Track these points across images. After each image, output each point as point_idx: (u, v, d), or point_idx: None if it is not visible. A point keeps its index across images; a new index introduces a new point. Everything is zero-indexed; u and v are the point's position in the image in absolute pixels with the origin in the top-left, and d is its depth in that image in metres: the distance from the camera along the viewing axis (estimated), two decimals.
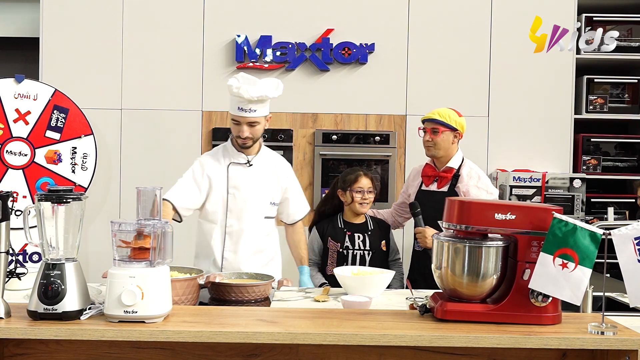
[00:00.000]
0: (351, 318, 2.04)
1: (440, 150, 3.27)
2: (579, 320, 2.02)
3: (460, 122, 3.29)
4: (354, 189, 3.33)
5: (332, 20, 4.51)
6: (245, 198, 3.06)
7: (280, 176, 3.17)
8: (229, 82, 2.97)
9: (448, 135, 3.26)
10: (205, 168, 3.07)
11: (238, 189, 3.05)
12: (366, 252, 3.31)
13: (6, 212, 1.95)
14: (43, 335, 1.86)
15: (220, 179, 3.06)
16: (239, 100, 2.94)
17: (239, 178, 3.06)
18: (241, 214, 3.05)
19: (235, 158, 3.09)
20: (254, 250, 3.08)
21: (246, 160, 3.08)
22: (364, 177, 3.35)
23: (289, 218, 3.26)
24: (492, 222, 1.98)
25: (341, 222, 3.39)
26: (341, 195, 3.38)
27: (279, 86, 3.01)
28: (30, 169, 4.15)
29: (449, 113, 3.27)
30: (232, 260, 3.05)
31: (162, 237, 2.00)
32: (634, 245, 1.89)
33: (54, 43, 4.51)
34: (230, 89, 2.95)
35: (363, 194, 3.32)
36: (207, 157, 3.13)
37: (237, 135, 3.03)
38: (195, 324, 1.93)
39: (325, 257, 3.36)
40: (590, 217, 4.49)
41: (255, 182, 3.08)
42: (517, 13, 4.46)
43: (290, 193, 3.21)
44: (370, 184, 3.35)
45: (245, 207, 3.05)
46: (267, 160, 3.15)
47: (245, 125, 2.98)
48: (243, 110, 2.95)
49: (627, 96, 4.61)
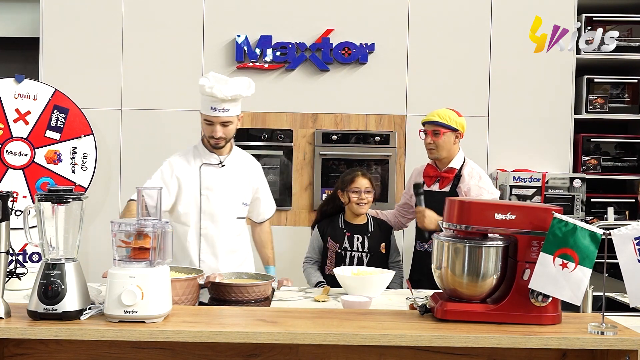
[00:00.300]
0: (351, 318, 2.04)
1: (442, 152, 3.27)
2: (579, 320, 2.02)
3: (461, 122, 3.29)
4: (351, 189, 3.32)
5: (332, 20, 4.51)
6: (219, 199, 3.03)
7: (251, 176, 3.17)
8: (201, 82, 2.93)
9: (449, 136, 3.26)
10: (175, 169, 3.03)
11: (211, 190, 3.03)
12: (364, 254, 3.31)
13: (6, 212, 1.95)
14: (43, 335, 1.86)
15: (191, 180, 3.02)
16: (212, 100, 2.91)
17: (212, 179, 3.03)
18: (215, 215, 3.03)
19: (207, 159, 3.06)
20: (228, 250, 3.08)
21: (218, 160, 3.06)
22: (361, 177, 3.34)
23: (259, 217, 3.27)
24: (492, 222, 1.98)
25: (342, 222, 3.39)
26: (340, 196, 3.38)
27: (251, 85, 2.99)
28: (30, 169, 4.15)
29: (448, 114, 3.27)
30: (209, 262, 3.03)
31: (162, 237, 2.00)
32: (634, 245, 1.89)
33: (54, 43, 4.51)
34: (202, 89, 2.91)
35: (360, 194, 3.31)
36: (177, 158, 3.08)
37: (210, 136, 2.99)
38: (195, 324, 1.93)
39: (325, 256, 3.36)
40: (590, 217, 4.49)
41: (228, 183, 3.06)
42: (517, 13, 4.46)
43: (261, 193, 3.22)
44: (368, 184, 3.34)
45: (218, 208, 3.03)
46: (239, 160, 3.14)
47: (218, 125, 2.95)
48: (216, 110, 2.92)
49: (627, 96, 4.61)
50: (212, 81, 2.91)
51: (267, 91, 4.52)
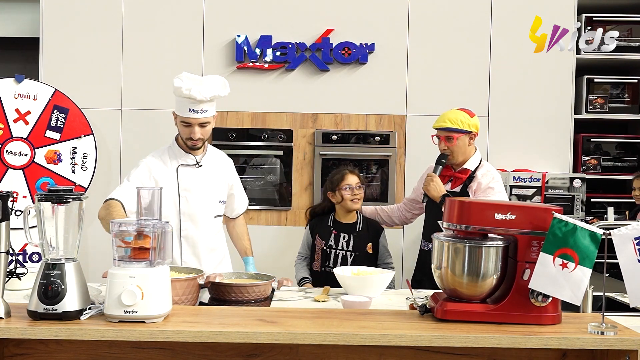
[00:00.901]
0: (351, 318, 2.04)
1: (458, 157, 3.20)
2: (579, 320, 2.02)
3: (474, 122, 3.19)
4: (343, 186, 3.33)
5: (332, 20, 4.51)
6: (197, 200, 3.02)
7: (226, 174, 3.17)
8: (176, 84, 2.87)
9: (463, 139, 3.17)
10: (152, 171, 3.00)
11: (189, 191, 3.01)
12: (349, 252, 3.32)
13: (6, 212, 1.95)
14: (43, 335, 1.86)
15: (169, 182, 3.00)
16: (190, 101, 2.88)
17: (189, 180, 3.02)
18: (194, 215, 3.02)
19: (183, 160, 3.03)
20: (208, 249, 3.08)
21: (195, 161, 3.04)
22: (350, 174, 3.35)
23: (233, 213, 3.28)
24: (492, 222, 1.98)
25: (331, 220, 3.41)
26: (332, 197, 3.39)
27: (226, 84, 2.97)
28: (30, 169, 4.15)
29: (460, 117, 3.17)
30: (191, 262, 3.02)
31: (162, 237, 2.00)
32: (634, 245, 1.89)
33: (54, 43, 4.51)
34: (179, 91, 2.87)
35: (352, 191, 3.32)
36: (153, 160, 3.04)
37: (188, 137, 2.96)
38: (195, 324, 1.93)
39: (314, 253, 3.39)
40: (590, 217, 4.49)
41: (205, 183, 3.05)
42: (517, 13, 4.46)
43: (235, 189, 3.23)
44: (357, 180, 3.36)
45: (198, 209, 3.03)
46: (214, 159, 3.14)
47: (197, 127, 2.93)
48: (194, 111, 2.89)
49: (627, 96, 4.61)
50: (188, 82, 2.87)
51: (267, 91, 4.52)
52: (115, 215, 2.75)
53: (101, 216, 2.84)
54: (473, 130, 3.19)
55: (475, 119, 3.22)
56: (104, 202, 2.90)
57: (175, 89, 2.89)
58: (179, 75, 2.91)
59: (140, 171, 3.00)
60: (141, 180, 2.96)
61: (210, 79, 2.94)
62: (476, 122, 3.22)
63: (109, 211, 2.80)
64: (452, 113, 3.21)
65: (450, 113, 3.22)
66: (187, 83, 2.87)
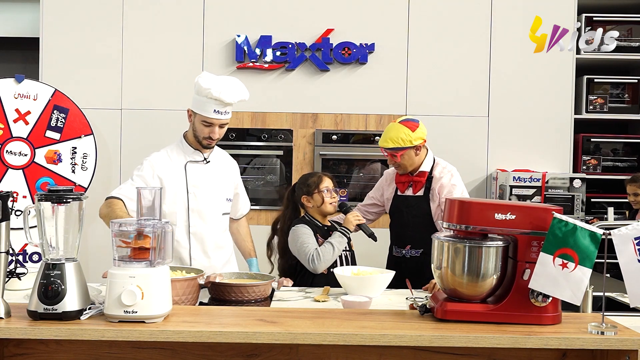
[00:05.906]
0: (351, 318, 2.04)
1: (407, 167, 3.19)
2: (579, 320, 2.02)
3: (417, 135, 3.13)
4: (322, 189, 3.21)
5: (332, 20, 4.51)
6: (206, 196, 3.03)
7: (231, 173, 3.19)
8: (204, 85, 2.87)
9: (409, 153, 3.14)
10: (156, 169, 3.00)
11: (198, 187, 3.03)
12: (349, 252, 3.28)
13: (6, 212, 1.95)
14: (43, 335, 1.86)
15: (177, 178, 3.01)
16: (217, 103, 2.89)
17: (198, 176, 3.03)
18: (203, 212, 3.03)
19: (191, 156, 3.05)
20: (217, 247, 3.09)
21: (203, 157, 3.06)
22: (326, 177, 3.26)
23: (237, 213, 3.29)
24: (492, 222, 1.98)
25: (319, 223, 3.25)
26: (307, 201, 3.23)
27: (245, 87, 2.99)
28: (30, 169, 4.15)
29: (400, 136, 3.11)
30: (200, 259, 3.02)
31: (162, 237, 2.00)
32: (634, 245, 1.89)
33: (54, 43, 4.51)
34: (207, 92, 2.87)
35: (331, 193, 3.22)
36: (158, 158, 3.04)
37: (207, 137, 2.97)
38: (195, 324, 1.93)
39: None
40: (590, 217, 4.49)
41: (213, 179, 3.07)
42: (517, 13, 4.46)
43: (239, 189, 3.25)
44: (332, 183, 3.26)
45: (206, 205, 3.03)
46: (220, 157, 3.16)
47: (217, 127, 2.96)
48: (220, 112, 2.92)
49: (627, 96, 4.61)
50: (217, 84, 2.88)
51: (267, 91, 4.52)
52: (118, 212, 2.75)
53: (103, 214, 2.84)
54: (416, 144, 3.13)
55: (418, 130, 3.14)
56: (106, 200, 2.90)
57: (202, 89, 2.89)
58: (203, 76, 2.93)
59: (143, 170, 3.00)
60: (143, 179, 2.96)
61: (231, 81, 2.95)
62: (420, 134, 3.14)
63: (111, 209, 2.81)
64: (393, 131, 3.15)
65: (391, 131, 3.16)
66: (217, 85, 2.88)
